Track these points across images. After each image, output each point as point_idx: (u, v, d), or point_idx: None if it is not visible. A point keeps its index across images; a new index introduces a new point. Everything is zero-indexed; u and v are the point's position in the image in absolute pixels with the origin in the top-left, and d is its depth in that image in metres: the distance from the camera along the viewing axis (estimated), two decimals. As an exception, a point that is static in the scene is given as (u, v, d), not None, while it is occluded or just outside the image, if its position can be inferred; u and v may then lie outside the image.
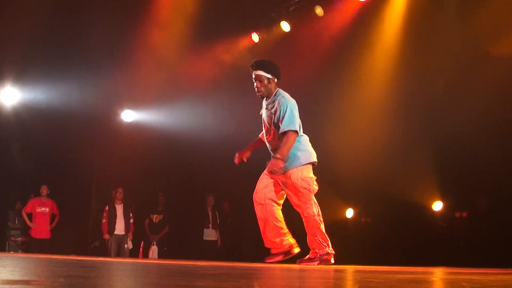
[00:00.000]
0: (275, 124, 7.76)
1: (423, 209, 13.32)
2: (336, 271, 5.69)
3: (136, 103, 16.18)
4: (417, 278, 4.72)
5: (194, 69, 14.83)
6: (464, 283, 4.10)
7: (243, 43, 14.97)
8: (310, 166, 7.85)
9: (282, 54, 13.54)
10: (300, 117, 7.79)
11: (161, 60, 14.56)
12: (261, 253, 8.44)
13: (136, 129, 16.24)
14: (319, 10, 13.78)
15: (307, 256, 7.89)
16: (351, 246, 13.72)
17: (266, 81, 7.85)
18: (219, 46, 14.88)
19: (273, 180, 7.92)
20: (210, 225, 15.57)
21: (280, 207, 8.05)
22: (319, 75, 14.06)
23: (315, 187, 7.83)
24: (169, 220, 15.67)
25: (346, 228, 14.40)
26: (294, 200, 7.83)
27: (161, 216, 15.59)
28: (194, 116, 15.38)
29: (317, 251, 7.81)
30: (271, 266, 6.71)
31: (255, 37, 14.76)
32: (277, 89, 7.94)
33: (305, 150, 7.81)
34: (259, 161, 9.53)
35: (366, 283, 3.85)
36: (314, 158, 7.87)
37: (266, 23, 14.58)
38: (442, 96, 12.98)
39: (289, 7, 14.18)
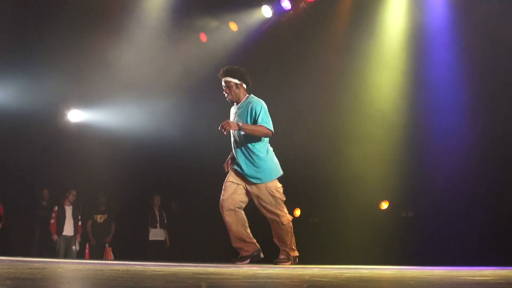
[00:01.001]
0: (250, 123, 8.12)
1: (370, 209, 13.43)
2: (284, 270, 5.71)
3: (83, 103, 16.00)
4: (364, 276, 4.77)
5: (143, 70, 14.73)
6: (411, 282, 4.16)
7: (192, 44, 14.90)
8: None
9: (231, 55, 13.57)
10: None
11: (108, 60, 14.43)
12: (208, 252, 8.48)
13: (83, 129, 16.06)
14: (266, 10, 13.86)
15: (282, 257, 8.40)
16: (298, 245, 13.76)
17: (234, 87, 8.26)
18: (169, 47, 14.78)
19: (238, 184, 8.23)
20: (158, 225, 15.54)
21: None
22: (270, 75, 14.05)
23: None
24: (114, 219, 15.61)
25: (293, 227, 14.42)
26: (270, 208, 8.20)
27: (105, 216, 15.53)
28: (141, 117, 15.29)
29: (290, 252, 8.42)
30: (219, 267, 6.72)
31: (203, 37, 14.73)
32: (250, 94, 8.36)
33: (276, 164, 8.31)
34: (206, 162, 9.57)
35: (314, 282, 3.88)
36: (280, 169, 8.35)
37: (216, 23, 14.56)
38: (389, 94, 13.11)
39: (238, 7, 14.19)
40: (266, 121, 8.03)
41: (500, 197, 11.79)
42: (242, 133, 8.07)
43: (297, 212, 14.76)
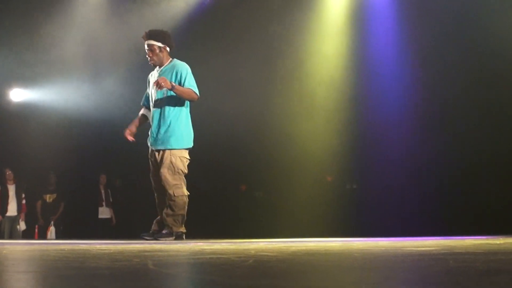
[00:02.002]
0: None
1: (315, 181, 13.55)
2: (230, 245, 5.74)
3: (26, 82, 15.77)
4: (311, 250, 4.81)
5: (87, 47, 14.59)
6: (356, 254, 4.22)
7: (136, 18, 14.74)
8: (188, 150, 8.11)
9: (174, 29, 13.50)
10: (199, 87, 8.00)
11: (51, 38, 14.25)
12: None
13: (27, 108, 15.83)
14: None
15: (165, 231, 8.01)
16: (244, 219, 13.83)
17: (157, 50, 8.09)
18: (114, 22, 14.61)
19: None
20: (104, 203, 15.53)
21: None
22: (214, 50, 14.01)
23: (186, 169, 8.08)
24: (64, 199, 15.49)
25: (238, 202, 14.50)
26: (167, 178, 7.94)
27: (55, 195, 15.40)
28: (85, 95, 15.14)
29: (174, 228, 7.98)
30: (165, 243, 6.72)
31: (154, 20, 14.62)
32: (173, 58, 8.20)
33: (189, 134, 8.10)
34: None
35: (260, 257, 3.91)
36: (192, 142, 8.14)
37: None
38: (333, 68, 13.25)
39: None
40: (193, 84, 7.92)
41: (443, 168, 12.01)
42: (167, 94, 7.96)
43: (243, 187, 14.83)
